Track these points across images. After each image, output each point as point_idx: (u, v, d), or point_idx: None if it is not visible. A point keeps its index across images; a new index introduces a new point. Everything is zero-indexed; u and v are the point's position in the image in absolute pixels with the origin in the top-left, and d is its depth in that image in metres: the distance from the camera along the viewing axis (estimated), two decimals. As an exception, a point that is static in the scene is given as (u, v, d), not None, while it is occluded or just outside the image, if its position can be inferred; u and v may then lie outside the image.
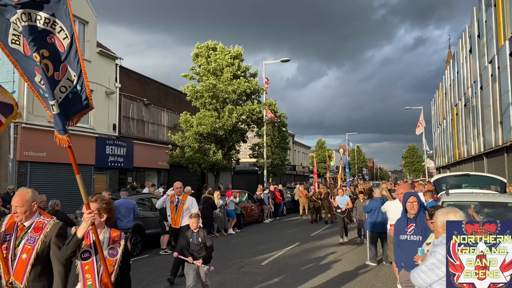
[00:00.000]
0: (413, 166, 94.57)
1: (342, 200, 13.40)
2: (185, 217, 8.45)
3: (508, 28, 19.73)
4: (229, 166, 22.66)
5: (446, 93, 42.68)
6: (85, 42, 17.93)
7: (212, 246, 6.73)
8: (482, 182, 9.03)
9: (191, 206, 8.77)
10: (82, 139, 17.28)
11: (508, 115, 19.66)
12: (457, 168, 36.96)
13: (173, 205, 8.88)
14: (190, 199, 8.89)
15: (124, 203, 10.35)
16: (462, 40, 32.90)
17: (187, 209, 8.68)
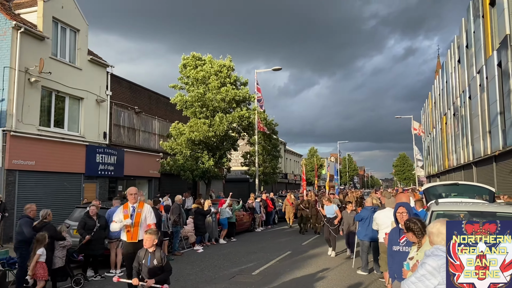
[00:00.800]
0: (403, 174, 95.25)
1: (329, 210, 12.76)
2: (142, 228, 7.23)
3: (496, 39, 20.07)
4: (220, 174, 22.61)
5: (435, 103, 43.17)
6: (76, 50, 17.84)
7: (170, 268, 5.75)
8: (471, 191, 9.10)
9: (148, 216, 7.47)
10: (71, 147, 17.12)
11: (496, 125, 19.92)
12: (446, 176, 37.27)
13: (128, 215, 7.36)
14: (147, 208, 7.56)
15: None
16: (450, 50, 33.38)
17: (144, 219, 7.45)
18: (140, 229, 7.22)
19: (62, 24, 17.08)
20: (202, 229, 14.10)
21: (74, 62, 17.70)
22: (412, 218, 4.43)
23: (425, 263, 3.08)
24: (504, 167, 19.74)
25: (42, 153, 15.56)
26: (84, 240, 9.18)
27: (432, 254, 3.10)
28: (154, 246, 5.54)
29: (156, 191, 23.14)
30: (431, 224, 3.33)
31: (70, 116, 17.41)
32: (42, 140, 15.61)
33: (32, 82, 15.03)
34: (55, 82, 16.24)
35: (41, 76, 15.35)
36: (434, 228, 3.22)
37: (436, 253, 3.08)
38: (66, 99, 17.23)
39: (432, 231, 3.22)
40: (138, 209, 7.43)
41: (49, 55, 16.08)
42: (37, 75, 15.13)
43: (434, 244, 3.19)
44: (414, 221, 4.28)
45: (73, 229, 10.68)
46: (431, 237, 3.22)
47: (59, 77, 16.46)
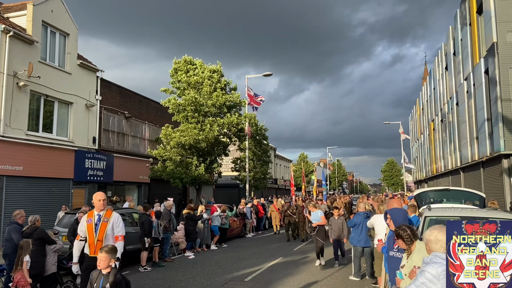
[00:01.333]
0: (392, 179, 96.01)
1: (314, 216, 12.00)
2: (109, 241, 6.27)
3: (483, 47, 20.44)
4: (211, 179, 22.53)
5: (423, 109, 43.71)
6: (66, 54, 17.68)
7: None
8: (462, 197, 9.21)
9: (115, 226, 6.43)
10: (60, 152, 16.90)
11: (483, 131, 20.23)
12: (434, 182, 37.67)
13: (91, 224, 6.33)
14: (115, 216, 6.51)
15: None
16: (438, 57, 33.88)
17: (111, 230, 6.41)
18: (105, 242, 6.17)
19: (51, 28, 16.92)
20: (193, 235, 14.00)
21: (64, 66, 17.53)
22: (402, 225, 4.44)
23: (425, 271, 3.08)
24: (492, 173, 20.04)
25: (30, 158, 15.33)
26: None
27: (431, 261, 3.11)
28: (110, 267, 4.66)
29: (146, 196, 22.94)
30: (428, 231, 3.33)
31: (59, 120, 17.21)
32: (30, 145, 15.39)
33: (21, 86, 14.83)
34: (44, 87, 16.05)
35: (30, 80, 15.16)
36: (432, 235, 3.22)
37: (435, 261, 3.08)
38: (55, 103, 17.03)
39: (430, 238, 3.23)
40: (104, 218, 6.36)
41: (38, 59, 15.91)
42: (26, 79, 14.94)
43: (432, 251, 3.20)
44: (404, 228, 4.30)
45: (62, 235, 10.52)
46: (429, 245, 3.23)
47: (48, 81, 16.28)
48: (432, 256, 3.14)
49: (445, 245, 3.10)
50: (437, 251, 3.14)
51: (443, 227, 3.26)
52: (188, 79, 20.91)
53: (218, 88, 21.26)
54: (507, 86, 17.69)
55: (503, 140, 17.56)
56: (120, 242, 6.38)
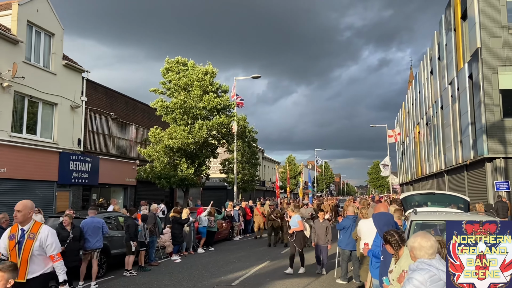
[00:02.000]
0: (378, 182, 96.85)
1: (292, 221, 11.10)
2: (37, 262, 4.96)
3: (467, 52, 20.79)
4: (198, 182, 22.40)
5: (408, 112, 44.24)
6: (51, 55, 17.41)
7: None
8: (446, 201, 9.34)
9: (46, 244, 5.01)
10: (44, 154, 16.62)
11: (467, 135, 20.55)
12: (419, 184, 38.13)
13: (13, 242, 4.98)
14: (44, 231, 5.07)
15: (91, 222, 9.99)
16: (423, 62, 34.35)
17: (41, 249, 4.98)
18: (30, 264, 4.87)
19: (36, 28, 16.66)
20: (179, 238, 13.89)
21: (48, 66, 17.26)
22: (390, 230, 4.47)
23: (412, 278, 3.10)
24: (475, 176, 20.37)
25: (13, 160, 15.04)
26: (58, 251, 8.85)
27: (418, 268, 3.12)
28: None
29: (132, 199, 22.71)
30: (411, 238, 3.35)
31: (43, 122, 16.93)
32: (13, 146, 15.10)
33: (5, 87, 14.55)
34: (28, 87, 15.78)
35: (14, 81, 14.89)
36: (416, 242, 3.24)
37: (421, 267, 3.10)
38: (39, 104, 16.75)
39: (414, 245, 3.24)
40: (30, 234, 4.99)
41: (23, 59, 15.63)
42: (10, 80, 14.66)
43: (417, 258, 3.22)
44: (392, 233, 4.32)
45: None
46: (414, 252, 3.25)
47: (33, 82, 16.01)
48: (418, 262, 3.15)
49: (429, 251, 3.13)
50: (422, 257, 3.16)
51: (426, 234, 3.28)
52: (178, 81, 20.73)
53: (210, 91, 21.07)
54: (490, 91, 18.02)
55: (486, 144, 17.87)
56: (58, 262, 5.09)
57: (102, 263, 10.99)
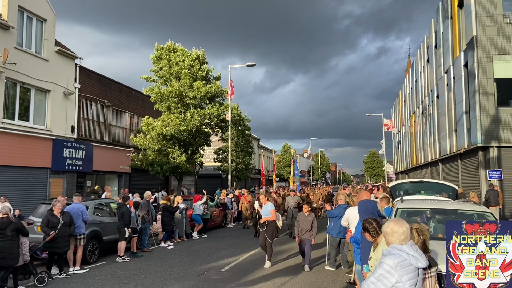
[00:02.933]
0: (373, 171, 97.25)
1: (264, 209, 10.22)
2: None
3: (463, 40, 20.70)
4: (192, 170, 22.41)
5: (405, 101, 44.20)
6: (43, 41, 17.23)
7: None
8: (435, 189, 9.38)
9: None
10: (37, 141, 16.57)
11: (462, 124, 20.58)
12: (414, 173, 38.30)
13: None
14: None
15: (72, 208, 10.01)
16: (420, 50, 34.20)
17: None
18: None
19: (28, 13, 16.46)
20: (169, 226, 13.93)
21: (41, 53, 17.10)
22: (369, 218, 4.50)
23: (383, 263, 3.12)
24: (469, 165, 20.45)
25: (6, 146, 14.99)
26: (48, 237, 8.90)
27: (389, 253, 3.15)
28: None
29: (127, 186, 22.73)
30: (385, 224, 3.37)
31: (35, 109, 16.83)
32: (6, 133, 15.04)
33: (-5, 73, 14.43)
34: (20, 74, 15.65)
35: (5, 67, 14.75)
36: (388, 228, 3.26)
37: (392, 252, 3.12)
38: (31, 91, 16.64)
39: (387, 231, 3.27)
40: None
41: (14, 45, 15.47)
42: (1, 66, 14.53)
43: (390, 243, 3.24)
44: (370, 221, 4.37)
45: (37, 225, 10.36)
46: (387, 237, 3.27)
47: (25, 68, 15.87)
48: (390, 248, 3.17)
49: (401, 237, 3.15)
50: (393, 243, 3.18)
51: (400, 220, 3.29)
52: (169, 68, 20.58)
53: (199, 77, 20.94)
54: (485, 79, 17.99)
55: (480, 133, 17.90)
56: None
57: (94, 249, 11.06)
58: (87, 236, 10.46)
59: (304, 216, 9.69)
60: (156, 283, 8.52)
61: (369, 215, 4.76)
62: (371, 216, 4.67)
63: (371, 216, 4.69)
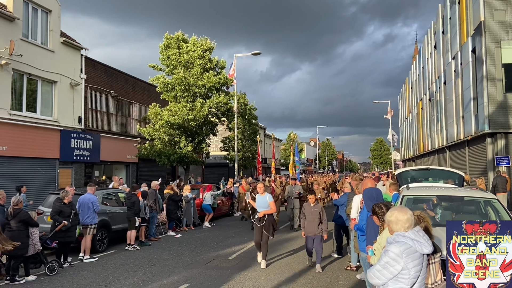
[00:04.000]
0: (380, 158, 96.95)
1: (261, 201, 8.93)
2: None
3: (470, 25, 20.40)
4: (199, 159, 22.52)
5: (412, 88, 43.82)
6: (48, 32, 17.25)
7: None
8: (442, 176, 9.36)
9: None
10: (45, 132, 16.71)
11: (469, 110, 20.41)
12: (421, 160, 38.13)
13: None
14: None
15: (84, 198, 10.16)
16: (427, 36, 33.77)
17: None
18: None
19: (33, 4, 16.46)
20: (174, 214, 14.08)
21: (46, 44, 17.15)
22: (379, 202, 4.55)
23: (388, 251, 3.15)
24: (476, 152, 20.32)
25: (14, 138, 15.15)
26: (60, 225, 9.04)
27: (394, 241, 3.17)
28: None
29: (134, 176, 22.93)
30: (388, 212, 3.38)
31: (43, 100, 16.95)
32: (14, 124, 15.18)
33: (3, 64, 14.51)
34: (26, 65, 15.73)
35: (12, 59, 14.83)
36: (392, 216, 3.28)
37: (397, 240, 3.15)
38: (38, 82, 16.73)
39: (391, 219, 3.29)
40: None
41: (20, 36, 15.52)
42: (7, 58, 14.61)
43: (394, 231, 3.26)
44: (380, 205, 4.41)
45: (47, 215, 10.52)
46: (391, 225, 3.29)
47: (31, 59, 15.94)
48: (395, 235, 3.20)
49: (405, 225, 3.17)
50: (398, 231, 3.21)
51: (404, 208, 3.31)
52: (178, 57, 20.51)
53: (209, 68, 20.93)
54: (493, 65, 17.76)
55: (488, 119, 17.76)
56: None
57: (103, 238, 11.23)
58: (96, 226, 10.62)
59: (310, 207, 8.61)
60: (165, 271, 8.65)
61: (374, 202, 4.79)
62: None
63: None
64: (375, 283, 3.30)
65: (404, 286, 3.10)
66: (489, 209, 6.53)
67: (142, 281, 7.94)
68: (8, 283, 7.87)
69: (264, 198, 8.91)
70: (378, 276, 3.21)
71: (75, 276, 8.44)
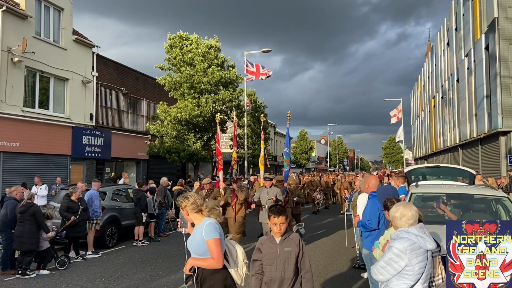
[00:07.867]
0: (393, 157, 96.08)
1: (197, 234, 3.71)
2: None
3: (484, 22, 20.09)
4: (208, 156, 22.59)
5: (424, 86, 43.35)
6: (61, 30, 17.47)
7: None
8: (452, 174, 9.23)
9: None
10: (57, 129, 16.95)
11: (482, 108, 20.11)
12: (434, 159, 37.73)
13: None
14: None
15: (86, 194, 10.30)
16: (440, 33, 33.35)
17: None
18: None
19: (45, 2, 16.68)
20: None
21: (59, 42, 17.36)
22: (392, 197, 4.51)
23: (392, 247, 3.13)
24: (489, 150, 20.03)
25: (27, 134, 15.39)
26: (69, 221, 9.16)
27: (398, 237, 3.15)
28: None
29: (145, 173, 23.12)
30: (393, 208, 3.35)
31: (55, 97, 17.18)
32: (26, 121, 15.42)
33: (15, 62, 14.74)
34: (39, 62, 15.95)
35: (25, 56, 15.06)
36: (398, 212, 3.25)
37: (401, 236, 3.13)
38: (50, 79, 16.96)
39: (396, 215, 3.26)
40: None
41: (33, 34, 15.75)
42: (20, 55, 14.84)
43: (398, 227, 3.23)
44: (392, 200, 4.37)
45: (57, 211, 10.66)
46: (395, 221, 3.26)
47: (43, 57, 16.16)
48: (399, 232, 3.17)
49: (410, 221, 3.14)
50: (402, 227, 3.18)
51: (408, 204, 3.28)
52: (182, 56, 20.65)
53: (214, 64, 20.99)
54: (507, 62, 17.48)
55: (501, 117, 17.48)
56: None
57: (113, 233, 11.35)
58: (106, 221, 10.75)
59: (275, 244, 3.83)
60: (172, 267, 8.71)
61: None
62: None
63: None
64: (379, 279, 3.27)
65: (408, 283, 3.08)
66: (500, 207, 6.42)
67: (151, 276, 8.00)
68: (19, 277, 8.00)
69: (200, 228, 3.51)
70: (382, 272, 3.19)
71: (84, 271, 8.54)
